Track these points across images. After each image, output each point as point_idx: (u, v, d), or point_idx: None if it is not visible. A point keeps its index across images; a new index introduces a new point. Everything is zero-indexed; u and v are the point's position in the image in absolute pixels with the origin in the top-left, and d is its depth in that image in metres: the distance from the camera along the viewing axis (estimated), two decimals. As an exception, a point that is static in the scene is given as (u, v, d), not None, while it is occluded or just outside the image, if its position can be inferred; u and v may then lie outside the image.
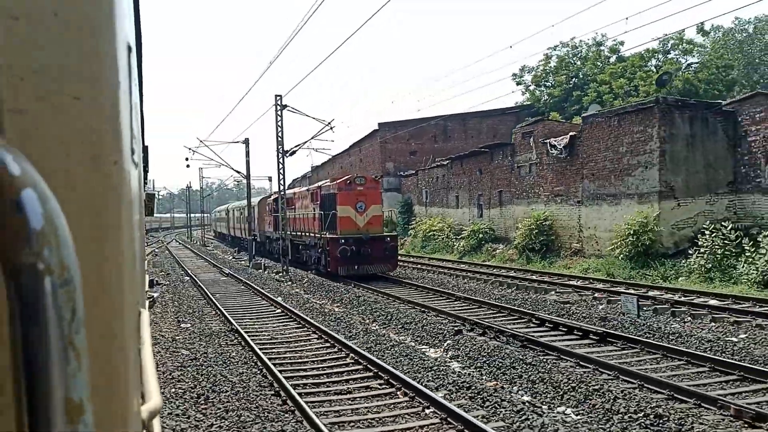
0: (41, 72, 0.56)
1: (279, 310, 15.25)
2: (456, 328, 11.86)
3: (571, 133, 21.64)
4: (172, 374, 9.00)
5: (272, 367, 9.14)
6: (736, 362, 8.60)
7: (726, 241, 15.43)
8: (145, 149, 3.55)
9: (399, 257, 22.70)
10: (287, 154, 24.42)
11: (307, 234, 24.05)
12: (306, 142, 24.59)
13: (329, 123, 24.28)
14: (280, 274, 23.47)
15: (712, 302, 13.26)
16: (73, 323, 0.45)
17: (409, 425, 6.91)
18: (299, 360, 10.09)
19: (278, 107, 23.51)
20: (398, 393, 8.07)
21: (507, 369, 9.05)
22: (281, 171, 23.81)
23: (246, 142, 30.63)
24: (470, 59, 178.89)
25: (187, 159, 33.23)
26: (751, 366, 8.34)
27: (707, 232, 15.92)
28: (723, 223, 16.03)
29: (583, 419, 6.88)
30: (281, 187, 24.20)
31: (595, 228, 20.44)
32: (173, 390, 8.16)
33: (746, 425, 6.44)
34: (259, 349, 10.45)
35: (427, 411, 7.29)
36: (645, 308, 12.89)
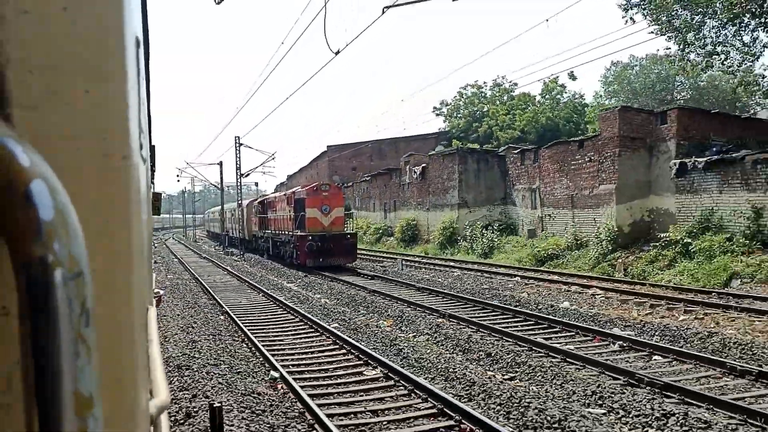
0: (51, 66, 0.56)
1: (225, 273, 26.96)
2: (305, 274, 23.63)
3: (422, 165, 33.44)
4: (162, 289, 20.68)
5: (208, 288, 20.81)
6: (414, 283, 20.12)
7: (475, 233, 27.21)
8: (152, 148, 3.61)
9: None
10: (243, 176, 36.22)
11: (284, 232, 27.94)
12: (256, 168, 36.37)
13: (272, 155, 36.07)
14: (239, 257, 35.20)
15: (451, 263, 25.00)
16: (83, 317, 0.45)
17: (251, 298, 18.61)
18: (224, 288, 21.71)
19: (237, 144, 35.30)
20: (257, 293, 19.83)
21: (316, 289, 20.66)
22: (239, 189, 35.62)
23: (220, 164, 42.42)
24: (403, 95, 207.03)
25: (177, 176, 45.01)
26: (414, 283, 19.98)
27: (468, 228, 27.74)
28: (475, 221, 27.85)
29: (339, 304, 18.48)
30: (239, 200, 36.00)
31: (434, 226, 32.21)
32: (164, 292, 19.84)
33: (378, 295, 18.13)
34: (205, 282, 22.19)
35: (260, 295, 19.01)
36: (410, 266, 24.66)
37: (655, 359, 9.43)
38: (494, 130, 47.19)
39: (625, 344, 10.23)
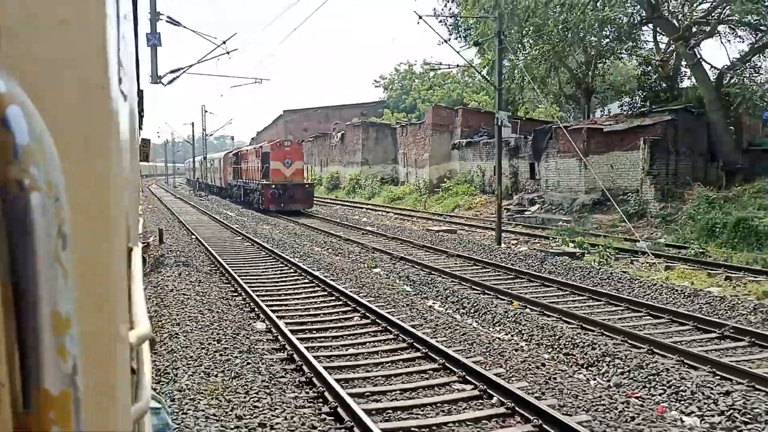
0: None
1: (190, 206, 38.26)
2: (241, 209, 34.97)
3: (342, 132, 44.53)
4: (142, 211, 31.91)
5: (174, 212, 32.10)
6: (305, 213, 31.50)
7: (366, 183, 38.58)
8: (140, 93, 3.71)
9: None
10: (209, 135, 47.16)
11: (253, 181, 32.76)
12: (218, 129, 47.27)
13: (230, 120, 46.98)
14: (204, 197, 46.39)
15: (343, 203, 36.42)
16: (60, 240, 0.46)
17: (199, 217, 29.95)
18: (185, 213, 32.93)
19: (203, 112, 46.09)
20: (205, 215, 31.20)
21: (245, 216, 31.97)
22: (205, 146, 46.60)
23: (192, 124, 53.09)
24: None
25: (158, 133, 55.51)
26: (305, 213, 31.42)
27: (363, 179, 39.11)
28: (372, 175, 39.30)
29: (249, 221, 29.80)
30: (205, 153, 47.04)
31: (346, 178, 43.51)
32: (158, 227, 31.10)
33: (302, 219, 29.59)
34: (174, 211, 33.46)
35: (206, 216, 30.37)
36: (319, 205, 36.12)
37: (368, 237, 21.02)
38: (417, 103, 58.13)
39: (366, 233, 21.83)
